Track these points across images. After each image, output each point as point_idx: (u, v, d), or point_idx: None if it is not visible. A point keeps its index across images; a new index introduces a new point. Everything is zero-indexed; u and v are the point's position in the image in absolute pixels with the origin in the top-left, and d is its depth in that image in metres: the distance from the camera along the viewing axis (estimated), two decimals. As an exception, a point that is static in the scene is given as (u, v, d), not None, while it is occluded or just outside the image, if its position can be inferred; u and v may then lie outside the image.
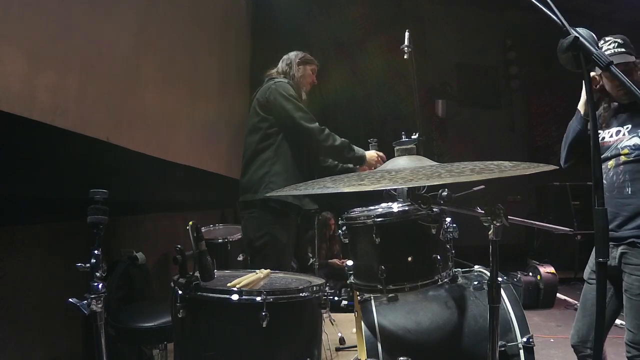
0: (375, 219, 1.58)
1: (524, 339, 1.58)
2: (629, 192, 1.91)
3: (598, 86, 2.08)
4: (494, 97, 8.03)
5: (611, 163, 1.98)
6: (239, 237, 3.01)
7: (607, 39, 1.97)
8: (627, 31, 2.10)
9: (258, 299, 1.30)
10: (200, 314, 1.34)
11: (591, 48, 0.96)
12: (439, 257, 1.57)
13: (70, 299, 1.24)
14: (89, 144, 2.23)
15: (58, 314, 2.00)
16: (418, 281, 1.57)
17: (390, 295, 1.69)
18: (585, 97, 2.09)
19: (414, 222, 1.59)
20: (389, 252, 1.59)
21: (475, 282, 1.76)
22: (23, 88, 1.77)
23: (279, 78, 2.65)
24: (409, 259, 1.57)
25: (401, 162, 1.41)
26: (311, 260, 4.23)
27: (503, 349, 1.55)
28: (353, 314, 2.07)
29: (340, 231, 1.76)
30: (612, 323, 2.10)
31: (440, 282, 1.60)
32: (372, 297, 1.72)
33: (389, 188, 1.83)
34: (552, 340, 3.70)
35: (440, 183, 1.08)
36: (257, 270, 1.64)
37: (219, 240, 3.17)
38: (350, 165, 2.63)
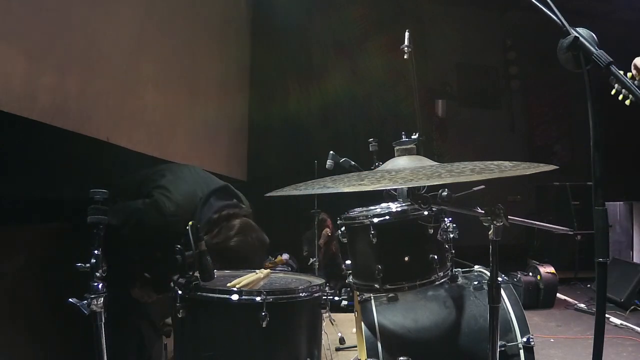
0: (373, 219, 1.59)
1: (524, 339, 1.58)
2: None
3: None
4: (494, 97, 8.02)
5: None
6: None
7: None
8: (627, 31, 2.10)
9: (258, 299, 1.30)
10: (200, 314, 1.34)
11: (591, 48, 0.96)
12: (436, 257, 1.57)
13: (70, 299, 1.24)
14: (89, 144, 2.23)
15: (58, 314, 2.00)
16: (416, 281, 1.57)
17: (390, 295, 1.69)
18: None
19: (412, 222, 1.59)
20: (386, 252, 1.59)
21: (475, 282, 1.76)
22: (23, 88, 1.77)
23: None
24: (406, 258, 1.58)
25: (401, 162, 1.41)
26: (311, 260, 4.23)
27: (503, 349, 1.55)
28: (353, 314, 2.07)
29: (339, 231, 1.76)
30: None
31: (437, 282, 1.60)
32: (372, 297, 1.72)
33: (389, 188, 1.84)
34: (552, 340, 3.70)
35: (440, 183, 1.08)
36: (257, 270, 1.64)
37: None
38: None
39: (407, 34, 1.78)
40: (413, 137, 1.64)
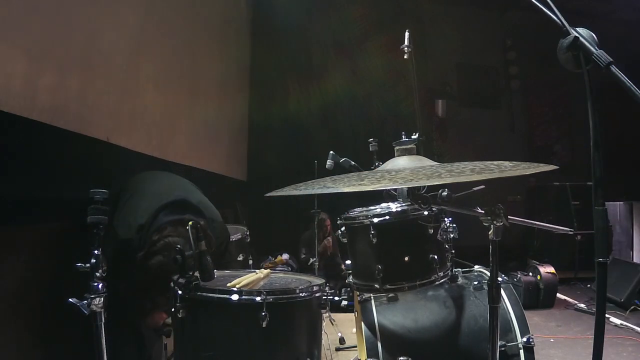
0: (373, 219, 1.59)
1: (524, 339, 1.58)
2: None
3: None
4: (494, 97, 8.02)
5: None
6: (239, 237, 3.01)
7: None
8: (627, 31, 2.10)
9: (258, 299, 1.30)
10: (200, 314, 1.34)
11: (591, 48, 0.96)
12: (436, 257, 1.58)
13: (70, 299, 1.24)
14: (89, 144, 2.23)
15: (58, 314, 2.00)
16: (416, 281, 1.57)
17: (390, 295, 1.69)
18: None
19: (412, 222, 1.59)
20: (386, 252, 1.59)
21: (475, 282, 1.76)
22: (23, 88, 1.77)
23: None
24: (406, 258, 1.58)
25: (401, 162, 1.41)
26: (311, 260, 4.23)
27: (503, 349, 1.55)
28: (353, 314, 2.07)
29: (339, 231, 1.76)
30: None
31: (437, 282, 1.60)
32: (372, 297, 1.72)
33: (389, 188, 1.84)
34: (552, 340, 3.70)
35: (440, 183, 1.08)
36: (257, 270, 1.64)
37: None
38: None
39: (407, 34, 1.78)
40: (413, 137, 1.63)
